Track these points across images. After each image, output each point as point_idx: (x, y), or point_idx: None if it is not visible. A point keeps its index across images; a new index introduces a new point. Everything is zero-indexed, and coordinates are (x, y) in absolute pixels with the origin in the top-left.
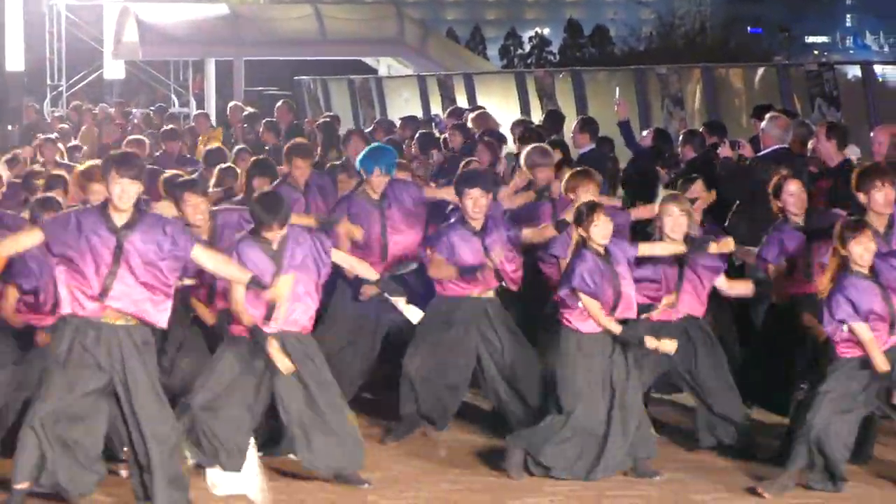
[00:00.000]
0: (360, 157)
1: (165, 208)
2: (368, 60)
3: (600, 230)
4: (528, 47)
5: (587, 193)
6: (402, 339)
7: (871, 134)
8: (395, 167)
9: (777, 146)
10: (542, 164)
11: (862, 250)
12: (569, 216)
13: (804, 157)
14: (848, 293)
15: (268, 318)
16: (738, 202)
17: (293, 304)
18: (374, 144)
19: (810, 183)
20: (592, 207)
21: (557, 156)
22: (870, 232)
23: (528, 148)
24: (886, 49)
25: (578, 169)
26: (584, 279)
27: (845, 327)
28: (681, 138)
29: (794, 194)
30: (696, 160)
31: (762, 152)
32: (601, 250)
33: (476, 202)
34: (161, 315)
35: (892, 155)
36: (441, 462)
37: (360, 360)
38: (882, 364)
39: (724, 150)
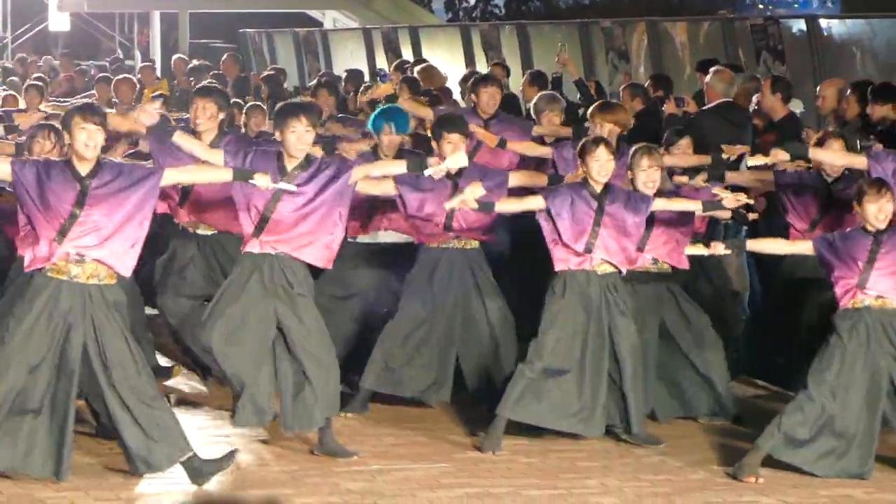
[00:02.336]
0: (371, 117)
1: None
2: (314, 13)
3: (600, 166)
4: (473, 0)
5: (602, 129)
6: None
7: (817, 88)
8: (408, 126)
9: (721, 100)
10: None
11: (877, 210)
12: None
13: (748, 111)
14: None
15: (257, 234)
16: None
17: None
18: (386, 105)
19: (755, 136)
20: (597, 141)
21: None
22: (890, 194)
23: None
24: (831, 3)
25: (603, 102)
26: (555, 200)
27: None
28: (623, 92)
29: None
30: (644, 112)
31: (706, 106)
32: (598, 188)
33: (455, 147)
34: (127, 262)
35: (839, 108)
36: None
37: None
38: None
39: (669, 107)
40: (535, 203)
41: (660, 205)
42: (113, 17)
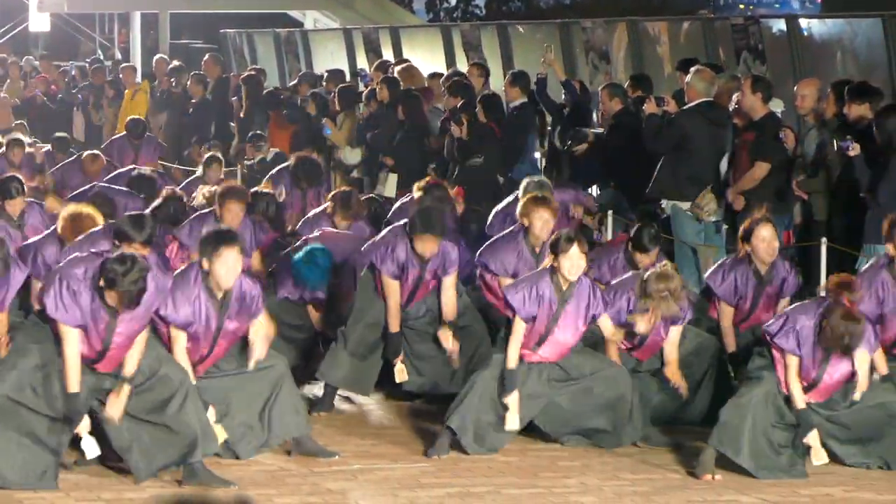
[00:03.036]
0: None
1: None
2: (294, 13)
3: (571, 265)
4: (454, 1)
5: (540, 220)
6: None
7: (795, 88)
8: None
9: (702, 99)
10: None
11: None
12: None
13: (729, 110)
14: None
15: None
16: (663, 156)
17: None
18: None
19: (735, 135)
20: (570, 239)
21: None
22: None
23: None
24: (810, 3)
25: (534, 196)
26: (517, 297)
27: None
28: (601, 93)
29: (765, 240)
30: (623, 112)
31: (687, 105)
32: (564, 285)
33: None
34: None
35: (818, 108)
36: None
37: None
38: None
39: (650, 106)
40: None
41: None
42: (93, 17)
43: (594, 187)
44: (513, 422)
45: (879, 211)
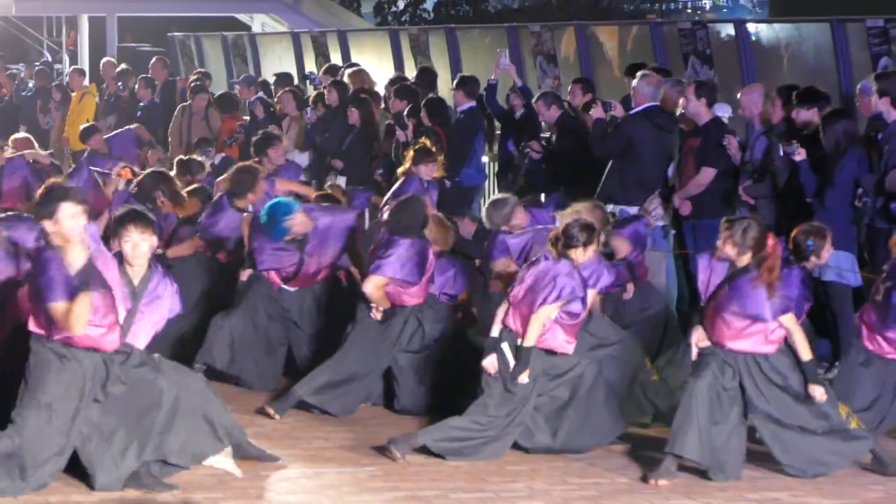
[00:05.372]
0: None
1: None
2: (242, 17)
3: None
4: (402, 4)
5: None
6: None
7: (738, 95)
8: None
9: (648, 104)
10: None
11: None
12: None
13: (675, 115)
14: None
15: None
16: (611, 161)
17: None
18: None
19: (681, 140)
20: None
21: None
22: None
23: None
24: (759, 9)
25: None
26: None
27: None
28: (537, 105)
29: None
30: (563, 117)
31: (633, 110)
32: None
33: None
34: None
35: (764, 113)
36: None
37: None
38: None
39: (597, 111)
40: None
41: None
42: (41, 20)
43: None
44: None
45: (825, 216)
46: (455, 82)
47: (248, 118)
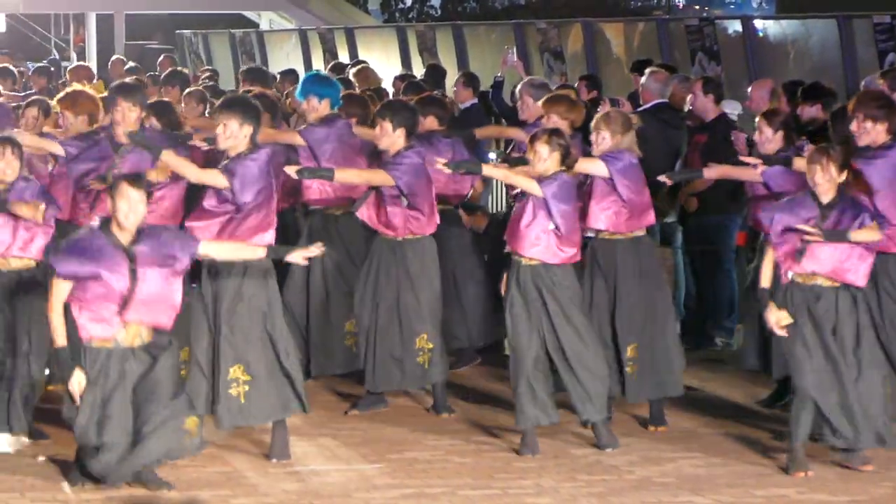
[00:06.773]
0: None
1: None
2: (250, 14)
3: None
4: (409, 1)
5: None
6: None
7: (748, 89)
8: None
9: (656, 101)
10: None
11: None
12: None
13: (683, 112)
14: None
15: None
16: None
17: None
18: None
19: (688, 137)
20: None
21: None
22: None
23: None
24: (766, 5)
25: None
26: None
27: None
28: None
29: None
30: None
31: (641, 107)
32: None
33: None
34: None
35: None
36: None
37: None
38: None
39: (604, 108)
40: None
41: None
42: (48, 17)
43: None
44: None
45: None
46: (460, 79)
47: None
